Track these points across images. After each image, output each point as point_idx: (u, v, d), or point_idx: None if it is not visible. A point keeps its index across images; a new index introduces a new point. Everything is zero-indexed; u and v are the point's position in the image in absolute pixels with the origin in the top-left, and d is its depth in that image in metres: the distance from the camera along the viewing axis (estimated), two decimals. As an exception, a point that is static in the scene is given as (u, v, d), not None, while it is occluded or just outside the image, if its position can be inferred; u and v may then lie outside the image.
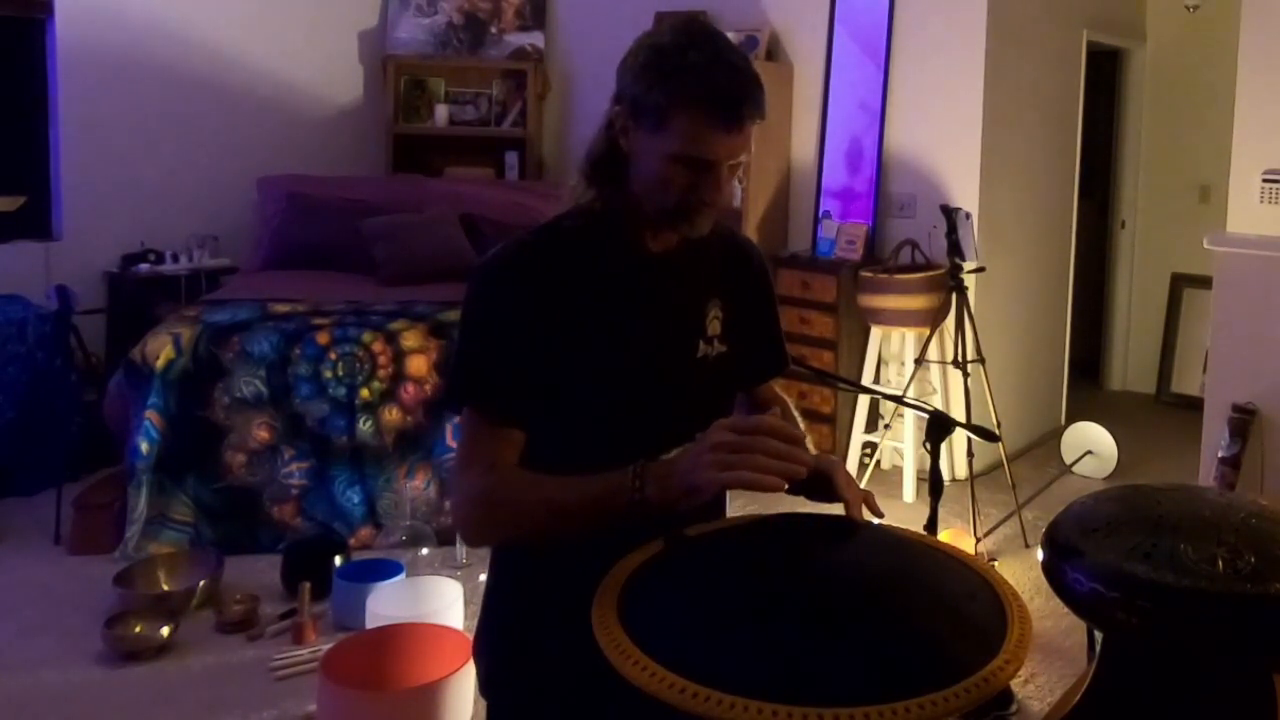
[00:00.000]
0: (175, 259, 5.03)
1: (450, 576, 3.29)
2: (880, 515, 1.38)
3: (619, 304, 1.43)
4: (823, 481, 1.42)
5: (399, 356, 3.84)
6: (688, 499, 1.21)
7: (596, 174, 1.44)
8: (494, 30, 5.97)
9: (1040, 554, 1.25)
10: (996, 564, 3.64)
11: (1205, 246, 3.95)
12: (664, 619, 1.13)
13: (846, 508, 1.35)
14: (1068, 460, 4.68)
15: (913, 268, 4.44)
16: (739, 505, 1.36)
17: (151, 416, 3.64)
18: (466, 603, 3.07)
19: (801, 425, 1.61)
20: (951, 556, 1.31)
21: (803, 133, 5.03)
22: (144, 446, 3.62)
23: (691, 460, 1.21)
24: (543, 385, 1.39)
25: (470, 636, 1.67)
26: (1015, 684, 2.87)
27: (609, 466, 1.43)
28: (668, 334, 1.47)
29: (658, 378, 1.45)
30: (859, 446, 4.59)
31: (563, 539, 1.34)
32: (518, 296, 1.39)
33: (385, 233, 4.82)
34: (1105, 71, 5.90)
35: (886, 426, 4.40)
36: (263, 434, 3.72)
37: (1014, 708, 2.81)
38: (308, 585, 3.12)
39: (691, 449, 1.23)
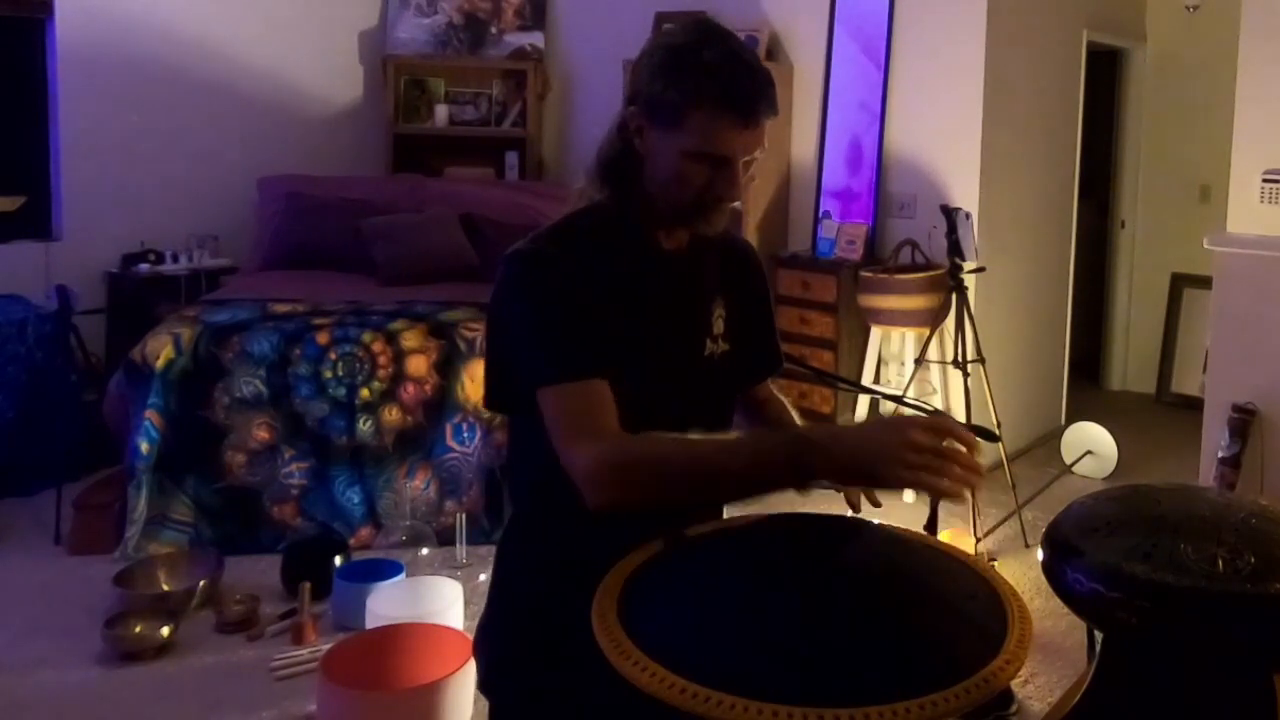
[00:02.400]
0: (175, 259, 5.03)
1: (450, 576, 3.29)
2: (877, 505, 1.37)
3: (632, 301, 1.43)
4: None
5: (399, 356, 3.84)
6: (862, 483, 1.15)
7: (609, 175, 1.44)
8: (494, 30, 5.97)
9: (1040, 554, 1.25)
10: (996, 564, 3.64)
11: (1205, 246, 3.95)
12: (664, 619, 1.13)
13: (846, 496, 1.35)
14: (1068, 460, 4.68)
15: (913, 268, 4.44)
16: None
17: (151, 416, 3.64)
18: (466, 603, 3.07)
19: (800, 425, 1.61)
20: (951, 556, 1.31)
21: (803, 133, 5.03)
22: (144, 446, 3.62)
23: (878, 448, 1.14)
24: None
25: (470, 636, 1.67)
26: (1015, 684, 2.86)
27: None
28: (678, 332, 1.48)
29: (668, 375, 1.45)
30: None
31: (710, 501, 1.27)
32: (567, 272, 1.37)
33: (385, 233, 4.82)
34: (1105, 71, 5.90)
35: (886, 426, 4.39)
36: (263, 434, 3.73)
37: (1014, 708, 2.81)
38: (308, 585, 3.12)
39: (874, 432, 1.17)
